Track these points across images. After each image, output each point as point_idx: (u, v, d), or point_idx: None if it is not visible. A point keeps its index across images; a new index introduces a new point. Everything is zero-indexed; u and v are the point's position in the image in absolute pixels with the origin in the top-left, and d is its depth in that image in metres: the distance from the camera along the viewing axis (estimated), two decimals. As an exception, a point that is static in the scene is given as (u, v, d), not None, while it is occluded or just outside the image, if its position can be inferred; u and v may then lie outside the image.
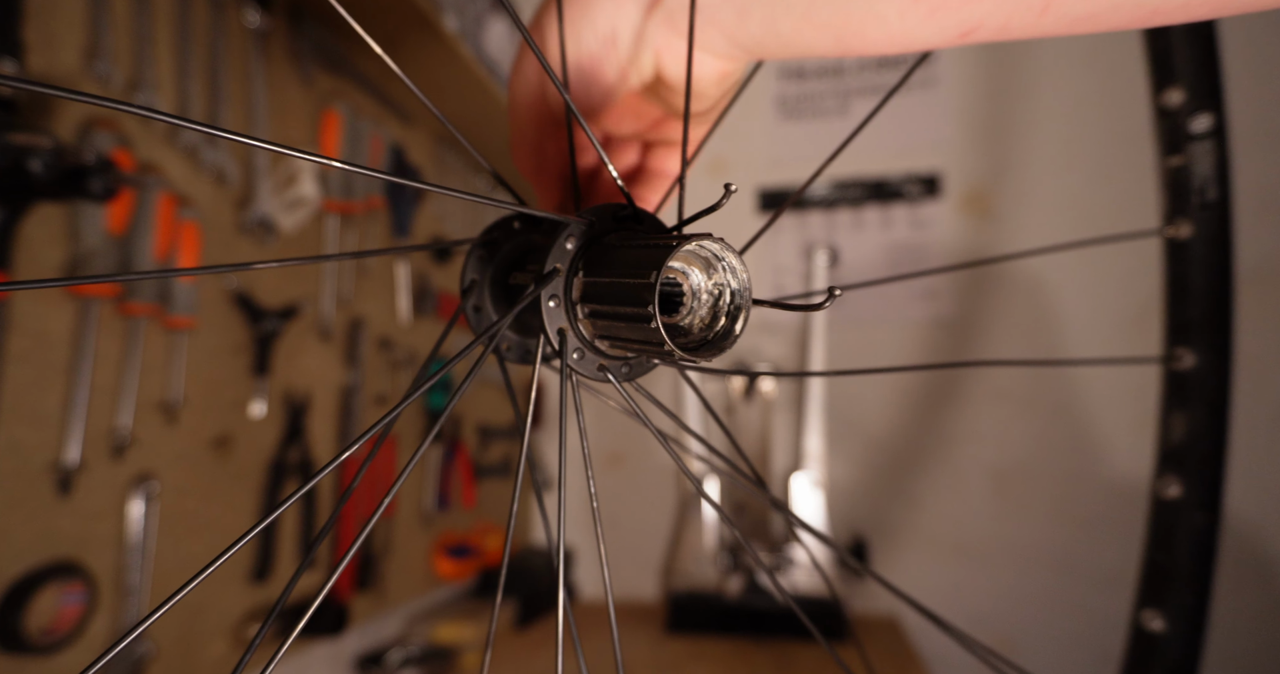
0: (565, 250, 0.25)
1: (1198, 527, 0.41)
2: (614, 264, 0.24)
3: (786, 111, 1.52)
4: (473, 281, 0.30)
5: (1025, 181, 1.40)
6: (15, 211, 0.51)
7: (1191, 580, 0.41)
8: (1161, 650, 0.41)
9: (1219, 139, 0.40)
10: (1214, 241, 0.41)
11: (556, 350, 0.25)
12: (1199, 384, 0.41)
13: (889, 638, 1.18)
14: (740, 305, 0.24)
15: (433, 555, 1.14)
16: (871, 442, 1.42)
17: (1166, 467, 0.42)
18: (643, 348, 0.23)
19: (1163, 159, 0.42)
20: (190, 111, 0.70)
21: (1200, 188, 0.40)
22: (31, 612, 0.54)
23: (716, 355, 0.24)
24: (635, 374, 0.28)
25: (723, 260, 0.24)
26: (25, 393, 0.55)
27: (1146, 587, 0.43)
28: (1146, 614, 0.42)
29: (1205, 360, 0.41)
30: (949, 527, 1.37)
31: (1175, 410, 0.42)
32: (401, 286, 1.06)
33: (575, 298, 0.25)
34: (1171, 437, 0.42)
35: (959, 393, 1.39)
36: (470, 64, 0.96)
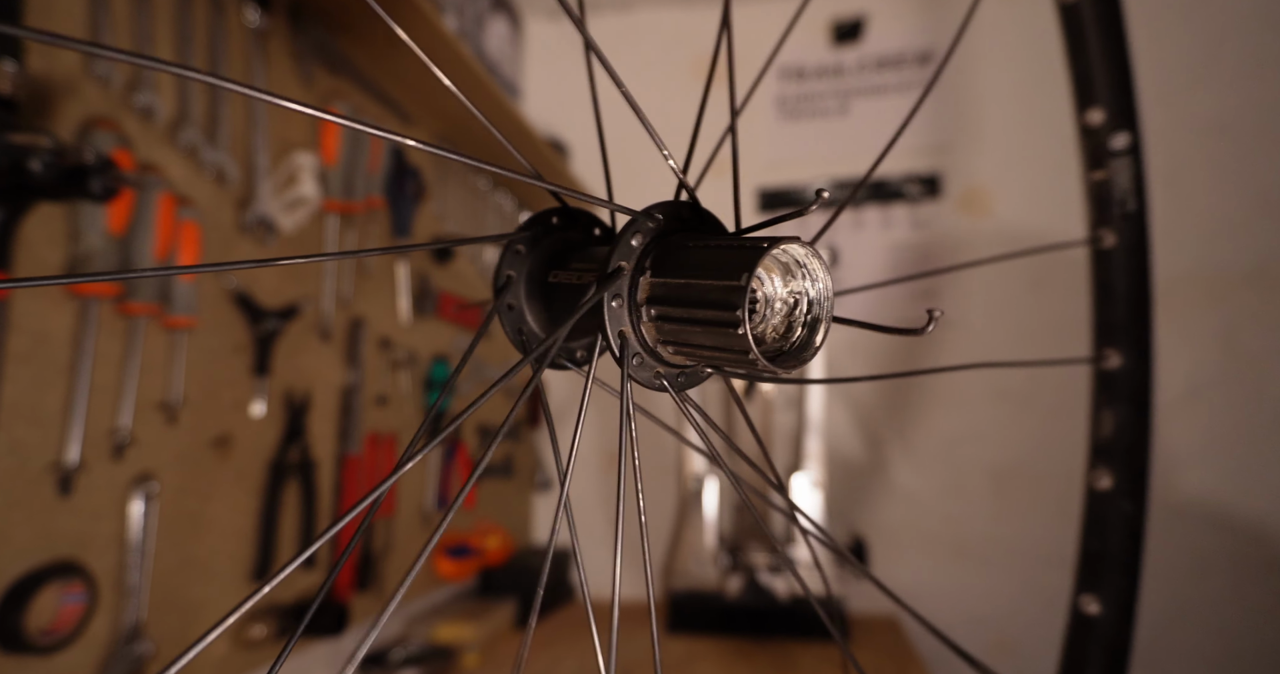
0: (630, 247, 0.23)
1: (1127, 515, 0.44)
2: (690, 265, 0.22)
3: (786, 111, 1.52)
4: (509, 278, 0.28)
5: (1025, 181, 1.40)
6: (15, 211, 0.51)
7: (1123, 565, 0.44)
8: (1098, 632, 0.44)
9: (1136, 155, 0.43)
10: (1134, 249, 0.44)
11: (616, 355, 0.23)
12: (1125, 382, 0.44)
13: (889, 638, 1.18)
14: (819, 316, 0.22)
15: (433, 555, 1.14)
16: (871, 442, 1.42)
17: (1098, 459, 0.45)
18: (716, 355, 0.22)
19: (1087, 173, 0.45)
20: (190, 111, 0.70)
21: (1121, 200, 0.43)
22: (32, 611, 0.54)
23: (796, 367, 0.22)
24: (690, 384, 0.26)
25: (804, 267, 0.22)
26: (25, 393, 0.55)
27: (1083, 573, 0.45)
28: (1084, 599, 0.45)
29: (1130, 360, 0.44)
30: (949, 527, 1.37)
31: (1104, 407, 0.45)
32: (402, 287, 1.06)
33: (641, 299, 0.23)
34: (1101, 432, 0.45)
35: (959, 393, 1.39)
36: (470, 64, 0.96)
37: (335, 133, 0.88)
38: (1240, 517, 1.26)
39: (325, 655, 0.92)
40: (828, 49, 1.51)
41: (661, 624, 1.23)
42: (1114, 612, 0.43)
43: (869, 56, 1.49)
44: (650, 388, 0.25)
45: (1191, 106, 1.34)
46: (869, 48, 1.49)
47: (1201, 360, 1.29)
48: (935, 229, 1.42)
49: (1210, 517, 1.26)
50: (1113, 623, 0.43)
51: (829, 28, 1.51)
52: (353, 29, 0.89)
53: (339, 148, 0.89)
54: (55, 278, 0.17)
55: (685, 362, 0.25)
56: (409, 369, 1.07)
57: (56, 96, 0.58)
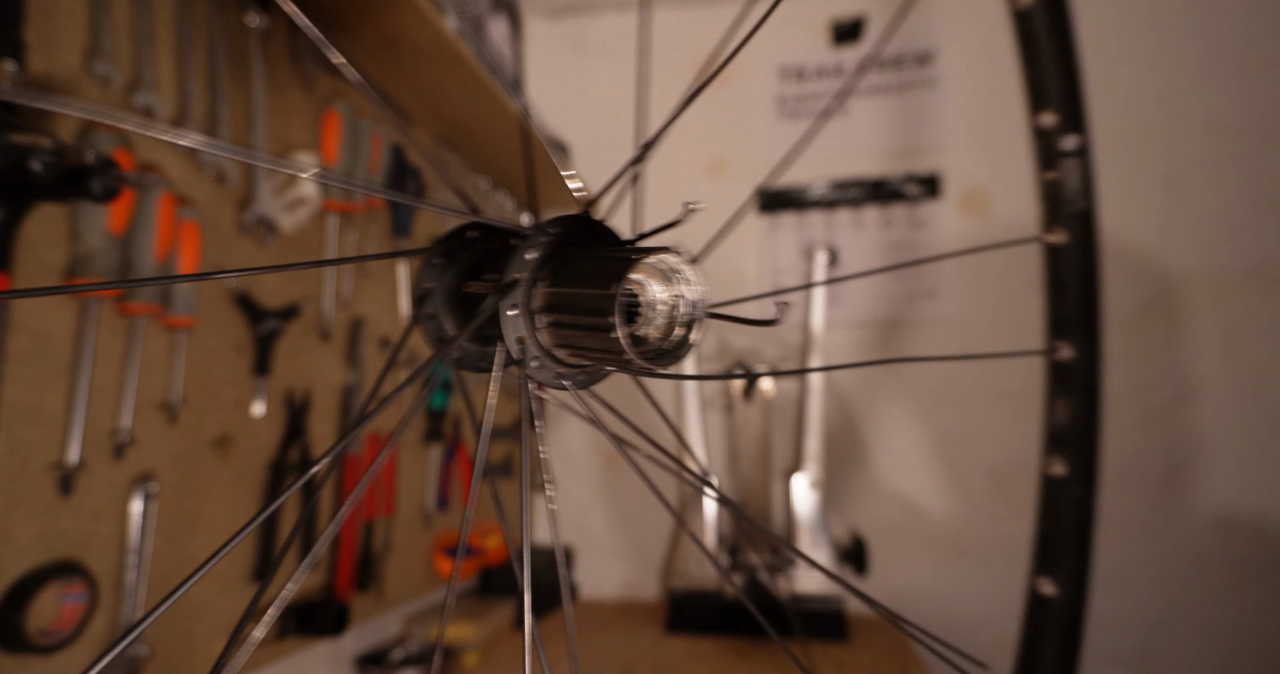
0: (525, 261, 0.25)
1: (1079, 500, 0.45)
2: (575, 275, 0.24)
3: (786, 112, 1.52)
4: (427, 290, 0.30)
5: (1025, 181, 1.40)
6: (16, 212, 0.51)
7: (1075, 548, 0.45)
8: (1053, 612, 0.45)
9: (1084, 156, 0.44)
10: (1084, 246, 0.46)
11: (516, 359, 0.25)
12: (1077, 373, 0.45)
13: (889, 638, 1.18)
14: (696, 317, 0.25)
15: (433, 555, 1.14)
16: (871, 441, 1.42)
17: (1052, 447, 0.46)
18: (602, 356, 0.24)
19: (1040, 173, 0.46)
20: (190, 112, 0.70)
21: (1071, 199, 0.45)
22: (32, 611, 0.54)
23: (673, 364, 0.24)
24: (591, 382, 0.28)
25: (680, 273, 0.24)
26: (26, 393, 0.55)
27: (1040, 556, 0.47)
28: (1040, 580, 0.46)
29: (1081, 351, 0.45)
30: (949, 527, 1.37)
31: (1058, 397, 0.46)
32: (402, 286, 1.07)
33: (536, 308, 0.25)
34: (1056, 420, 0.46)
35: (959, 392, 1.39)
36: (470, 64, 0.96)
37: (335, 133, 0.88)
38: (1240, 516, 1.26)
39: (325, 655, 0.92)
40: (828, 49, 1.51)
41: (661, 624, 1.23)
42: (1068, 592, 0.45)
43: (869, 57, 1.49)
44: (553, 387, 0.27)
45: (1191, 106, 1.34)
46: (868, 48, 1.49)
47: (1201, 360, 1.29)
48: (935, 229, 1.42)
49: (1210, 516, 1.26)
50: (1067, 603, 0.45)
51: (829, 28, 1.51)
52: (352, 29, 0.89)
53: (339, 148, 0.89)
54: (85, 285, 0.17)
55: (580, 362, 0.27)
56: (409, 369, 1.07)
57: (57, 96, 0.58)
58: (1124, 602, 1.26)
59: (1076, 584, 0.44)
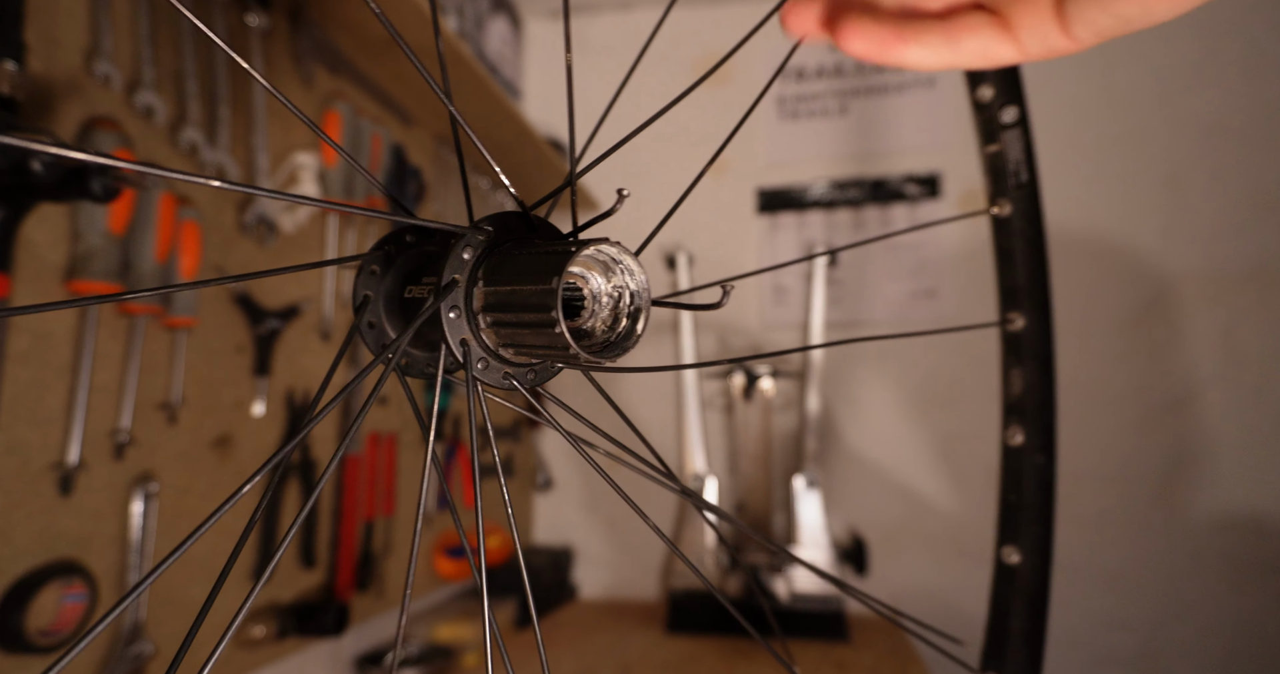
0: (462, 260, 0.25)
1: (1039, 467, 0.46)
2: (514, 272, 0.24)
3: (786, 111, 1.52)
4: (366, 298, 0.29)
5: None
6: (16, 211, 0.51)
7: (1038, 515, 0.46)
8: (1019, 580, 0.46)
9: (1024, 127, 0.45)
10: (1028, 216, 0.46)
11: (461, 362, 0.25)
12: (1029, 342, 0.46)
13: (889, 638, 1.18)
14: (640, 306, 0.24)
15: (433, 555, 1.14)
16: (871, 441, 1.42)
17: (1010, 417, 0.47)
18: (548, 353, 0.24)
19: (983, 147, 0.46)
20: (190, 112, 0.70)
21: (1014, 171, 0.45)
22: (32, 611, 0.54)
23: (620, 355, 0.24)
24: (541, 380, 0.28)
25: (620, 263, 0.24)
26: (26, 393, 0.55)
27: (1003, 525, 0.48)
28: (1005, 550, 0.47)
29: (1032, 321, 0.46)
30: (949, 526, 1.37)
31: (1013, 367, 0.47)
32: (402, 286, 1.07)
33: (477, 308, 0.25)
34: (1012, 391, 0.47)
35: (959, 392, 1.39)
36: (470, 64, 0.96)
37: (336, 133, 0.88)
38: (1240, 516, 1.26)
39: (325, 655, 0.92)
40: (828, 49, 1.51)
41: (661, 624, 1.23)
42: (1032, 560, 0.46)
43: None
44: (501, 388, 0.26)
45: (1191, 106, 1.34)
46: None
47: (1201, 361, 1.29)
48: (934, 229, 1.42)
49: (1210, 517, 1.26)
50: (1031, 571, 0.46)
51: (829, 28, 1.51)
52: (352, 29, 0.89)
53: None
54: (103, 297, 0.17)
55: (527, 360, 0.26)
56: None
57: (57, 96, 0.58)
58: (1124, 601, 1.26)
59: (1040, 551, 0.45)
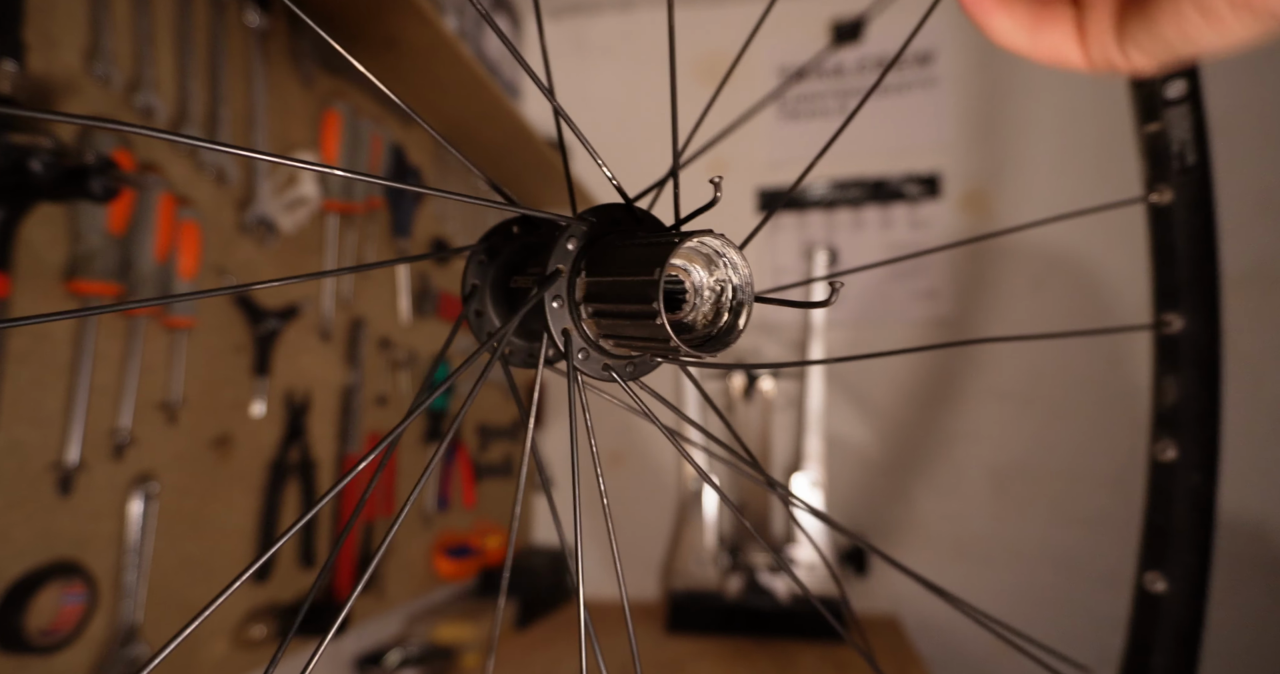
0: (567, 251, 0.25)
1: (1195, 487, 0.42)
2: (616, 263, 0.24)
3: (786, 111, 1.52)
4: (474, 287, 0.30)
5: (1024, 181, 1.40)
6: (16, 212, 0.51)
7: (1191, 540, 0.41)
8: (1165, 610, 0.41)
9: (1194, 103, 0.41)
10: (1195, 205, 0.41)
11: (562, 352, 0.25)
12: (1189, 347, 0.42)
13: (889, 638, 1.18)
14: (743, 301, 0.24)
15: (433, 555, 1.14)
16: (871, 441, 1.42)
17: (1161, 430, 0.43)
18: (647, 345, 0.23)
19: (1140, 127, 0.42)
20: (190, 112, 0.70)
21: (1179, 153, 0.41)
22: (32, 611, 0.54)
23: (721, 350, 0.24)
24: (640, 373, 0.27)
25: (724, 256, 0.24)
26: (25, 393, 0.55)
27: (1148, 549, 0.43)
28: (1149, 576, 0.42)
29: (1194, 323, 0.41)
30: (949, 527, 1.37)
31: (1167, 374, 0.42)
32: (402, 287, 1.07)
33: (579, 298, 0.25)
34: (1165, 400, 0.42)
35: (959, 392, 1.39)
36: (470, 64, 0.96)
37: (335, 133, 0.88)
38: (1240, 517, 1.26)
39: (325, 655, 0.92)
40: (827, 49, 1.51)
41: (661, 624, 1.23)
42: (1183, 589, 0.41)
43: (869, 56, 1.49)
44: (600, 379, 0.26)
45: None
46: (869, 48, 1.49)
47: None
48: (935, 229, 1.42)
49: (1210, 517, 1.26)
50: (1182, 602, 0.41)
51: (829, 28, 1.51)
52: (352, 29, 0.89)
53: (339, 148, 0.89)
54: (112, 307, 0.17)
55: (627, 353, 0.26)
56: (409, 369, 1.07)
57: (57, 96, 0.58)
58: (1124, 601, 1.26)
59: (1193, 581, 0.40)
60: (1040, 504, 1.33)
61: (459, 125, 1.15)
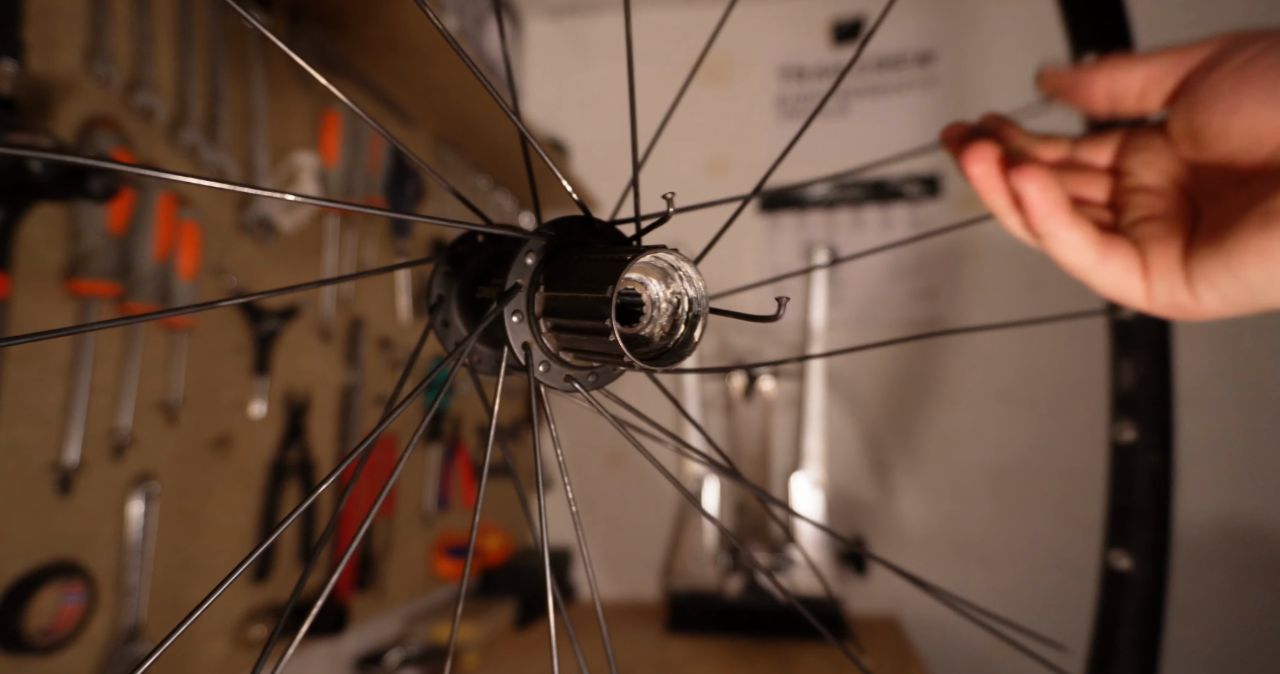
0: (525, 265, 0.25)
1: (1153, 467, 0.43)
2: (573, 278, 0.24)
3: (786, 111, 1.52)
4: (440, 297, 0.30)
5: (1025, 181, 1.40)
6: (15, 211, 0.51)
7: (1152, 518, 0.43)
8: (1130, 587, 0.43)
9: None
10: None
11: (523, 364, 0.25)
12: (1141, 332, 0.44)
13: (889, 638, 1.18)
14: (698, 313, 0.24)
15: (433, 555, 1.14)
16: (871, 441, 1.42)
17: (1120, 412, 0.44)
18: (605, 359, 0.24)
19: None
20: (190, 112, 0.70)
21: None
22: (31, 612, 0.54)
23: (677, 362, 0.24)
24: (602, 382, 0.28)
25: (679, 270, 0.24)
26: (25, 393, 0.55)
27: (1112, 528, 0.44)
28: (1114, 554, 0.44)
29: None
30: (949, 527, 1.37)
31: (1122, 358, 0.44)
32: (401, 287, 1.07)
33: (538, 312, 0.25)
34: (1121, 384, 0.44)
35: (959, 392, 1.39)
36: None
37: (335, 133, 0.88)
38: (1240, 517, 1.26)
39: (325, 656, 0.92)
40: (828, 49, 1.51)
41: (661, 624, 1.23)
42: (1146, 566, 0.42)
43: (869, 56, 1.49)
44: (563, 391, 0.27)
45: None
46: (869, 48, 1.49)
47: (1201, 360, 1.29)
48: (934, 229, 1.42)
49: (1210, 516, 1.26)
50: (1145, 578, 0.42)
51: (829, 28, 1.51)
52: (352, 29, 0.89)
53: (339, 148, 0.89)
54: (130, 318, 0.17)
55: (587, 364, 0.26)
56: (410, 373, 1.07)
57: (56, 96, 0.58)
58: (1124, 602, 1.26)
59: (1155, 557, 0.42)
60: (1040, 504, 1.33)
61: (459, 124, 1.15)
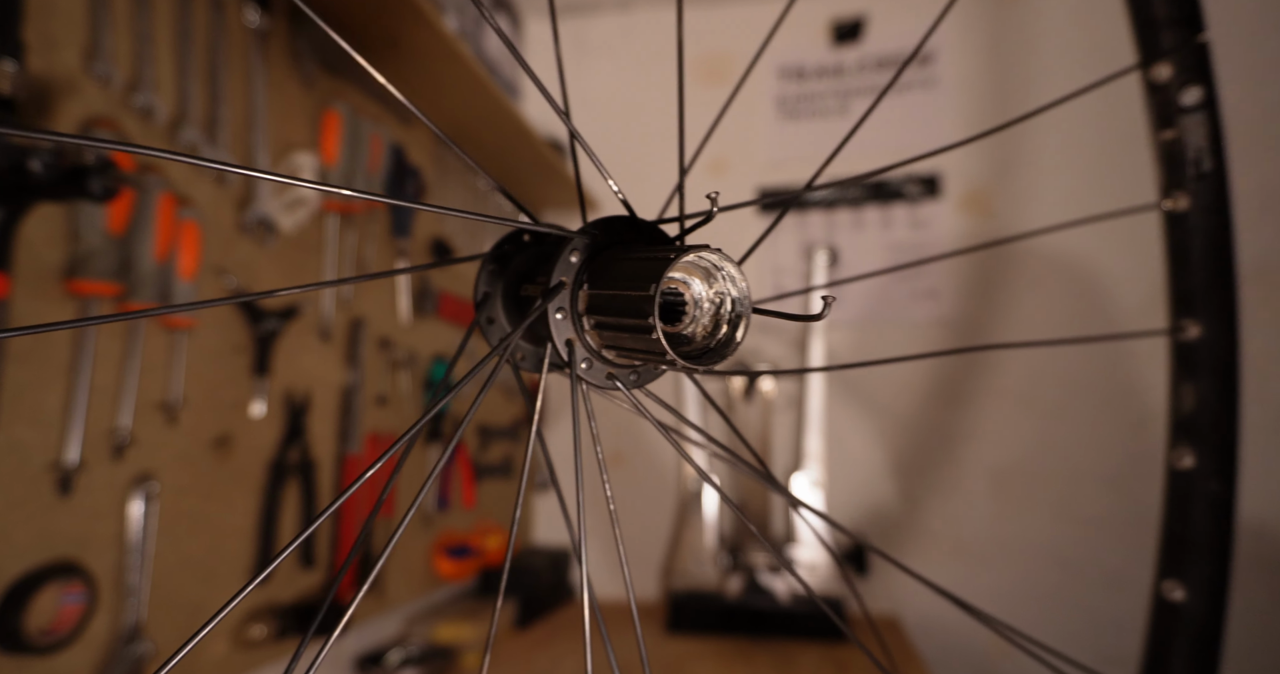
0: (570, 263, 0.26)
1: (1213, 495, 0.41)
2: (616, 276, 0.24)
3: (786, 111, 1.52)
4: (485, 294, 0.30)
5: (1024, 182, 1.40)
6: (15, 211, 0.51)
7: (1210, 549, 0.41)
8: (1184, 620, 0.41)
9: (1210, 110, 0.40)
10: (1211, 210, 0.41)
11: (565, 361, 0.26)
12: (1206, 353, 0.42)
13: (889, 638, 1.18)
14: (741, 313, 0.24)
15: (433, 555, 1.14)
16: (871, 441, 1.41)
17: (1179, 437, 0.42)
18: (647, 357, 0.24)
19: (1156, 133, 0.42)
20: (190, 112, 0.70)
21: (1195, 159, 0.41)
22: (31, 612, 0.54)
23: (719, 362, 0.24)
24: (644, 381, 0.28)
25: (722, 270, 0.24)
26: (25, 393, 0.55)
27: (1166, 557, 0.42)
28: (1167, 585, 0.42)
29: (1211, 330, 0.41)
30: (949, 526, 1.36)
31: (1184, 381, 0.42)
32: (402, 287, 1.06)
33: (581, 310, 0.25)
34: (1182, 407, 0.42)
35: (959, 392, 1.39)
36: (470, 64, 0.96)
37: (335, 133, 0.88)
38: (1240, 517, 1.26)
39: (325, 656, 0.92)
40: (828, 49, 1.51)
41: (661, 624, 1.23)
42: (1201, 598, 0.40)
43: (869, 56, 1.49)
44: (604, 388, 0.27)
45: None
46: (869, 48, 1.49)
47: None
48: (935, 229, 1.42)
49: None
50: (1200, 611, 0.40)
51: (829, 28, 1.51)
52: (352, 29, 0.89)
53: (339, 148, 0.89)
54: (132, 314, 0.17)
55: (629, 362, 0.27)
56: (409, 369, 1.07)
57: (56, 96, 0.58)
58: (1124, 601, 1.26)
59: (1213, 590, 0.40)
60: (1040, 504, 1.33)
61: (459, 125, 1.15)
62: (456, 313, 1.20)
